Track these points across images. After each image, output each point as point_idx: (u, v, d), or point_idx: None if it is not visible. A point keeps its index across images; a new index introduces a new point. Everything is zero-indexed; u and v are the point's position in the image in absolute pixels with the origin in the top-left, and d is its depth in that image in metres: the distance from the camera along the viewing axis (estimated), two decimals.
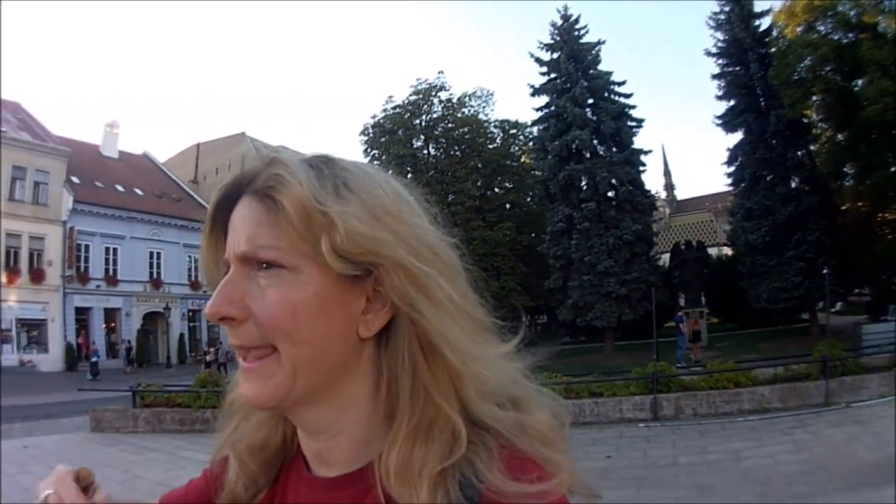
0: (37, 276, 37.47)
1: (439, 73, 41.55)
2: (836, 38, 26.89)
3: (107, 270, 41.68)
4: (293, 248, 0.74)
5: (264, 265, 0.75)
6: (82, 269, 40.01)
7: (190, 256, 45.60)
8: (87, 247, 40.24)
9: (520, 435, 0.76)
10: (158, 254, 44.75)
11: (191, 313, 46.16)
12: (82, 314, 40.02)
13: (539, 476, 0.71)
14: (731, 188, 34.41)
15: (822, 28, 27.45)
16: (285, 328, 0.74)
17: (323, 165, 0.79)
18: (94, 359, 33.34)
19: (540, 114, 35.73)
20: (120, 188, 43.73)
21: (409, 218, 0.79)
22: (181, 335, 45.43)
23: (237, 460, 0.90)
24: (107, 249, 41.36)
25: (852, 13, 26.28)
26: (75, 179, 39.93)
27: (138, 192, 45.06)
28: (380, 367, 0.79)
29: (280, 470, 0.91)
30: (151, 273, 44.33)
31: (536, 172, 38.14)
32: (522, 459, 0.74)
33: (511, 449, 0.75)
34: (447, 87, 40.67)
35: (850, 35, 26.36)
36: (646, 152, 34.90)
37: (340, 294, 0.76)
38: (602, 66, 34.82)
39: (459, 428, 0.73)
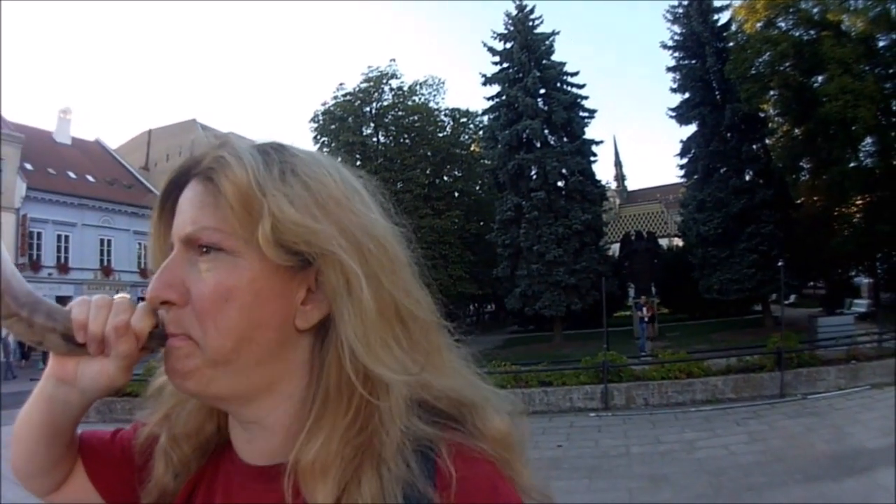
0: None
1: (391, 60, 38.16)
2: (797, 34, 24.86)
3: (58, 258, 37.44)
4: (234, 232, 0.67)
5: (205, 249, 0.68)
6: (34, 256, 35.72)
7: (140, 244, 41.24)
8: (39, 234, 36.06)
9: (473, 439, 0.68)
10: (109, 241, 40.46)
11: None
12: None
13: (490, 478, 0.65)
14: (683, 180, 32.18)
15: (782, 24, 25.31)
16: (215, 314, 0.66)
17: (272, 150, 0.71)
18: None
19: (491, 103, 32.75)
20: (72, 175, 39.38)
21: (358, 207, 0.71)
22: None
23: (170, 443, 0.80)
24: (58, 237, 37.12)
25: (815, 10, 24.26)
26: (28, 166, 35.76)
27: (90, 178, 40.65)
28: (315, 360, 0.70)
29: (211, 455, 0.81)
30: (102, 260, 40.15)
31: (486, 161, 35.16)
32: (474, 461, 0.66)
33: (463, 450, 0.66)
34: (398, 75, 37.32)
35: (812, 32, 24.40)
36: (597, 143, 32.17)
37: (279, 283, 0.68)
38: (555, 57, 31.92)
39: (385, 428, 0.66)
